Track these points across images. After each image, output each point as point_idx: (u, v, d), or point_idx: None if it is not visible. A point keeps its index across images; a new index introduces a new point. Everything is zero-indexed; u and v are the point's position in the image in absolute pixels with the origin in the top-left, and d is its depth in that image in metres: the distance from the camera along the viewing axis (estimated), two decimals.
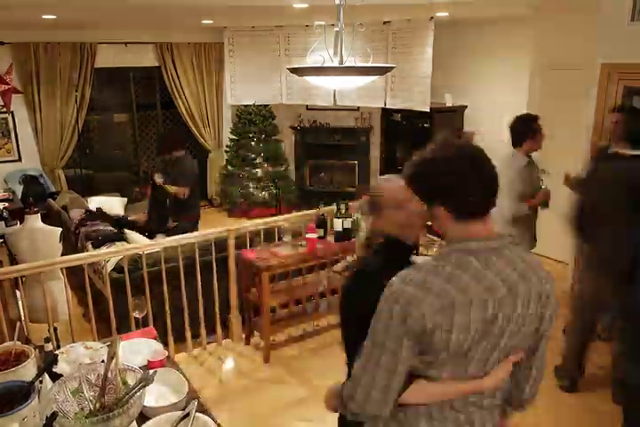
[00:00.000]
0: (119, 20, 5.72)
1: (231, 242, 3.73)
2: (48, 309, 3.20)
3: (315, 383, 3.36)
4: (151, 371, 1.53)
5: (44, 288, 3.17)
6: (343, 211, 3.80)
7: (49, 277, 3.27)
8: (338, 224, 3.79)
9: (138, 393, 1.46)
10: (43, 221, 3.55)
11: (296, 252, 3.68)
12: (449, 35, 5.98)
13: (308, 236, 3.69)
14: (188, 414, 1.59)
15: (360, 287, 1.60)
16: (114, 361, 1.54)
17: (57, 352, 1.93)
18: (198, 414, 1.62)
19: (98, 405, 1.51)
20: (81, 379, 1.55)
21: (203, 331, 3.79)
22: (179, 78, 6.90)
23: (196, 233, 3.82)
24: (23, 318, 3.21)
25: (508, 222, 3.31)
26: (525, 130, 3.42)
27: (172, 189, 4.75)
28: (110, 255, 3.48)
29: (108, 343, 1.96)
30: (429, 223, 1.45)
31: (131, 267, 3.48)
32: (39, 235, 3.43)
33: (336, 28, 2.91)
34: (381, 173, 6.81)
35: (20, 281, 3.17)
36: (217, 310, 3.78)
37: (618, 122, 3.18)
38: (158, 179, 4.80)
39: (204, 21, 5.96)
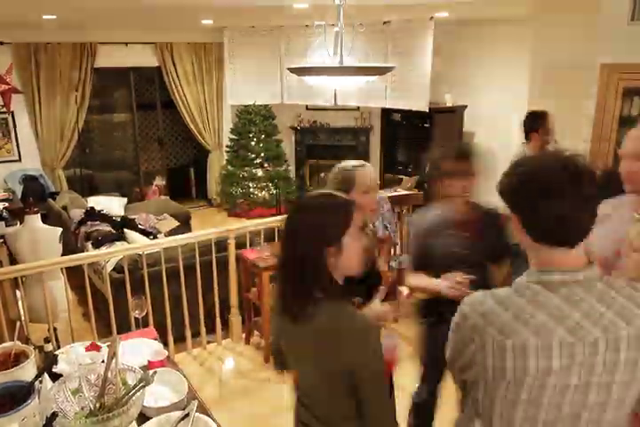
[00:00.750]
0: (119, 20, 5.72)
1: (231, 242, 3.73)
2: (48, 309, 3.19)
3: None
4: (151, 371, 1.53)
5: (44, 288, 3.17)
6: None
7: (49, 277, 3.27)
8: None
9: (138, 393, 1.46)
10: (43, 221, 3.56)
11: None
12: (449, 34, 5.98)
13: None
14: (187, 415, 1.59)
15: None
16: (114, 361, 1.54)
17: (57, 352, 1.93)
18: (198, 415, 1.62)
19: (98, 405, 1.51)
20: (81, 379, 1.55)
21: (203, 331, 3.79)
22: (179, 78, 6.90)
23: (196, 233, 3.82)
24: (23, 318, 3.21)
25: None
26: (532, 125, 3.50)
27: None
28: (110, 255, 3.47)
29: (108, 343, 1.96)
30: None
31: (131, 267, 3.48)
32: (39, 235, 3.43)
33: (336, 28, 2.91)
34: (381, 173, 6.81)
35: (20, 281, 3.17)
36: (217, 309, 3.78)
37: None
38: None
39: (203, 21, 5.96)
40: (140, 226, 4.93)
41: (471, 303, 1.16)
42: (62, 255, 3.47)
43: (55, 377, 1.68)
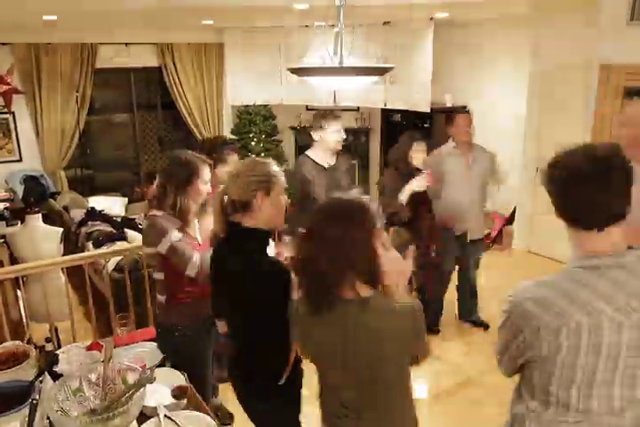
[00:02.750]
0: (119, 21, 5.72)
1: None
2: (48, 309, 3.20)
3: (314, 383, 3.35)
4: (149, 371, 1.53)
5: (45, 288, 3.17)
6: None
7: (50, 277, 3.28)
8: None
9: (138, 393, 1.46)
10: (43, 221, 3.56)
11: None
12: (449, 35, 5.98)
13: None
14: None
15: None
16: (114, 361, 1.55)
17: (57, 352, 1.94)
18: (199, 414, 1.63)
19: (98, 404, 1.51)
20: (81, 378, 1.56)
21: None
22: (179, 79, 6.90)
23: None
24: (24, 317, 3.21)
25: None
26: None
27: None
28: (111, 255, 3.48)
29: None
30: None
31: (131, 267, 3.48)
32: (40, 235, 3.44)
33: (336, 29, 2.91)
34: (381, 173, 6.80)
35: (20, 281, 3.18)
36: None
37: None
38: None
39: (203, 21, 5.96)
40: (140, 226, 4.93)
41: (520, 291, 1.21)
42: (63, 255, 3.47)
43: (56, 377, 1.68)
